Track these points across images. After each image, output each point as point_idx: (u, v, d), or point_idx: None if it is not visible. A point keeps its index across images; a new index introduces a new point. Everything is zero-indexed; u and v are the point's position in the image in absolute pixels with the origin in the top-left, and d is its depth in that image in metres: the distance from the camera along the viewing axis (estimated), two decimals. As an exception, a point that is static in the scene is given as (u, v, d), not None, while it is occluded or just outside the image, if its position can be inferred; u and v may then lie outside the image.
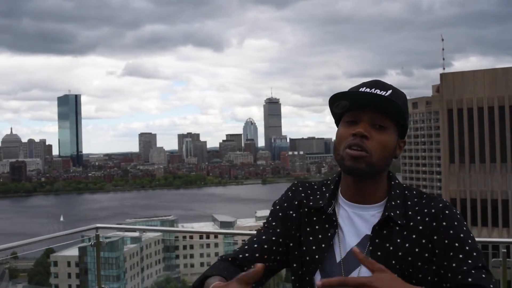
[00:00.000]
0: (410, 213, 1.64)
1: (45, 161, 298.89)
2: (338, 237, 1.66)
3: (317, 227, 1.71)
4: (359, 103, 1.61)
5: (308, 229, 1.72)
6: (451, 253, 1.57)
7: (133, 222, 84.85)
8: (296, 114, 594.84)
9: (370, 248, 1.60)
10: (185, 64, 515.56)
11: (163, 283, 65.72)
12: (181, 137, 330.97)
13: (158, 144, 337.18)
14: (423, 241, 1.60)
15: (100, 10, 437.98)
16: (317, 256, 1.66)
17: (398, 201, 1.66)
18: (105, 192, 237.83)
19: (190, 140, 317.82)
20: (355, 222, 1.67)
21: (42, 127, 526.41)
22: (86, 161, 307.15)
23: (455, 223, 1.62)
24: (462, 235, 1.59)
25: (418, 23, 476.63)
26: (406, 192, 1.71)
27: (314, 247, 1.68)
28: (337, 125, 1.72)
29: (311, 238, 1.70)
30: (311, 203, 1.75)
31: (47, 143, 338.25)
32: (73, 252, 62.54)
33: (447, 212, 1.63)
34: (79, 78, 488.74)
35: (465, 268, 1.54)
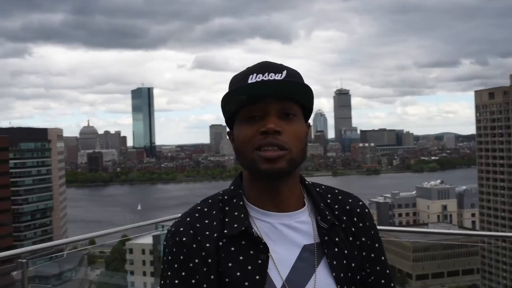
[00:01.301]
0: (336, 213, 1.45)
1: (120, 152, 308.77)
2: (272, 259, 1.33)
3: (241, 258, 1.32)
4: (258, 94, 1.33)
5: (230, 264, 1.32)
6: (373, 255, 1.46)
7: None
8: (366, 105, 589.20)
9: (328, 260, 1.37)
10: (254, 57, 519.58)
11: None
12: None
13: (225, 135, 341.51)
14: (357, 243, 1.45)
15: (170, 5, 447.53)
16: None
17: (321, 202, 1.45)
18: (177, 182, 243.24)
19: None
20: (285, 234, 1.37)
21: (117, 119, 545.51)
22: (159, 152, 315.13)
23: (374, 222, 1.50)
24: (379, 235, 1.50)
25: (491, 10, 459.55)
26: (317, 189, 1.50)
27: (246, 283, 1.30)
28: (230, 126, 1.45)
29: (238, 274, 1.31)
30: (219, 233, 1.36)
31: (122, 135, 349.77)
32: (147, 240, 64.64)
33: (366, 210, 1.51)
34: (151, 71, 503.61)
35: (387, 271, 1.47)
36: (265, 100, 1.33)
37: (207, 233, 1.35)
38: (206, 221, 1.37)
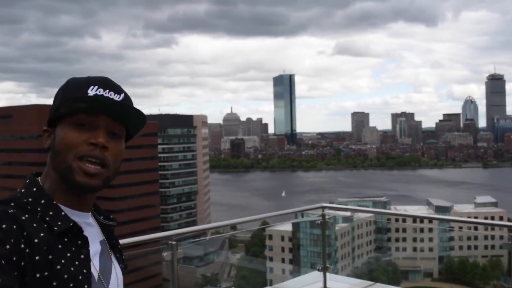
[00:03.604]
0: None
1: (261, 138, 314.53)
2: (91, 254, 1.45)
3: (68, 254, 1.35)
4: (96, 108, 1.41)
5: (63, 261, 1.33)
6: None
7: (345, 201, 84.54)
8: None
9: (114, 253, 1.56)
10: (397, 41, 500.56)
11: (373, 265, 64.25)
12: (395, 116, 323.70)
13: (371, 124, 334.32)
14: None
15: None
16: (86, 286, 1.35)
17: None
18: (317, 170, 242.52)
19: (404, 119, 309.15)
20: (90, 231, 1.47)
21: (259, 106, 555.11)
22: (299, 140, 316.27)
23: None
24: None
25: None
26: None
27: (80, 277, 1.34)
28: (51, 123, 1.47)
29: (72, 269, 1.34)
30: (44, 233, 1.33)
31: (263, 122, 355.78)
32: (287, 227, 64.27)
33: None
34: (292, 58, 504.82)
35: None
36: (100, 115, 1.41)
37: (31, 228, 1.30)
38: (25, 219, 1.32)
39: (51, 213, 1.37)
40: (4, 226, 1.25)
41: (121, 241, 3.74)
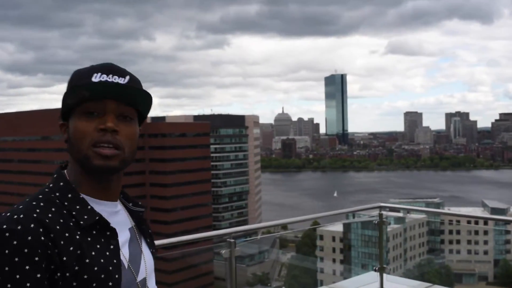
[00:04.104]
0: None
1: (312, 139, 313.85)
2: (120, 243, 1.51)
3: (98, 246, 1.41)
4: (100, 93, 1.44)
5: (93, 253, 1.39)
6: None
7: (397, 202, 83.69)
8: None
9: (144, 239, 1.61)
10: (451, 39, 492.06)
11: (426, 267, 63.52)
12: (449, 116, 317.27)
13: (424, 124, 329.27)
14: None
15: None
16: (117, 276, 1.41)
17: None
18: (369, 170, 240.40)
19: (458, 119, 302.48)
20: (117, 220, 1.53)
21: (310, 106, 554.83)
22: (351, 140, 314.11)
23: None
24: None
25: None
26: None
27: (111, 268, 1.40)
28: (64, 117, 1.51)
29: (102, 261, 1.39)
30: (72, 227, 1.39)
31: (314, 122, 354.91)
32: (338, 228, 64.35)
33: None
34: (343, 58, 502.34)
35: None
36: (106, 100, 1.43)
37: (58, 227, 1.35)
38: (52, 217, 1.36)
39: (78, 207, 1.42)
40: (29, 238, 1.28)
41: (176, 239, 4.28)
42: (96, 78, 1.46)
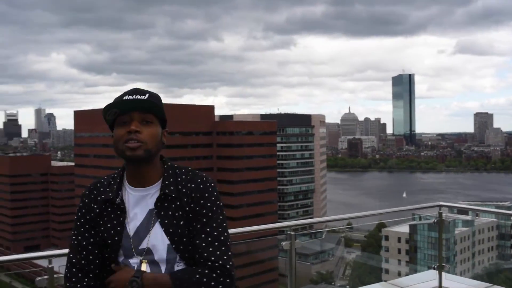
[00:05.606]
0: (180, 187, 2.13)
1: (379, 139, 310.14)
2: (129, 218, 2.12)
3: (112, 215, 2.14)
4: (126, 108, 2.08)
5: (106, 219, 2.14)
6: (199, 226, 2.08)
7: (465, 203, 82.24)
8: None
9: (159, 219, 2.10)
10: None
11: (494, 272, 62.39)
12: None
13: (495, 125, 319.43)
14: (187, 208, 2.10)
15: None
16: (116, 238, 2.11)
17: (171, 179, 2.15)
18: (437, 172, 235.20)
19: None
20: (141, 203, 2.13)
21: (377, 106, 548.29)
22: (418, 140, 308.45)
23: (210, 200, 2.13)
24: (210, 212, 2.11)
25: None
26: (177, 171, 2.20)
27: (112, 232, 2.11)
28: (112, 129, 2.15)
29: (109, 225, 2.12)
30: (103, 196, 2.17)
31: (381, 122, 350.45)
32: (404, 229, 64.06)
33: (207, 189, 2.14)
34: (411, 58, 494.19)
35: (206, 245, 2.05)
36: (131, 112, 2.08)
37: (99, 198, 2.18)
38: (101, 189, 2.20)
39: (115, 186, 2.17)
40: (85, 199, 2.21)
41: (241, 230, 4.57)
42: (125, 98, 2.11)
